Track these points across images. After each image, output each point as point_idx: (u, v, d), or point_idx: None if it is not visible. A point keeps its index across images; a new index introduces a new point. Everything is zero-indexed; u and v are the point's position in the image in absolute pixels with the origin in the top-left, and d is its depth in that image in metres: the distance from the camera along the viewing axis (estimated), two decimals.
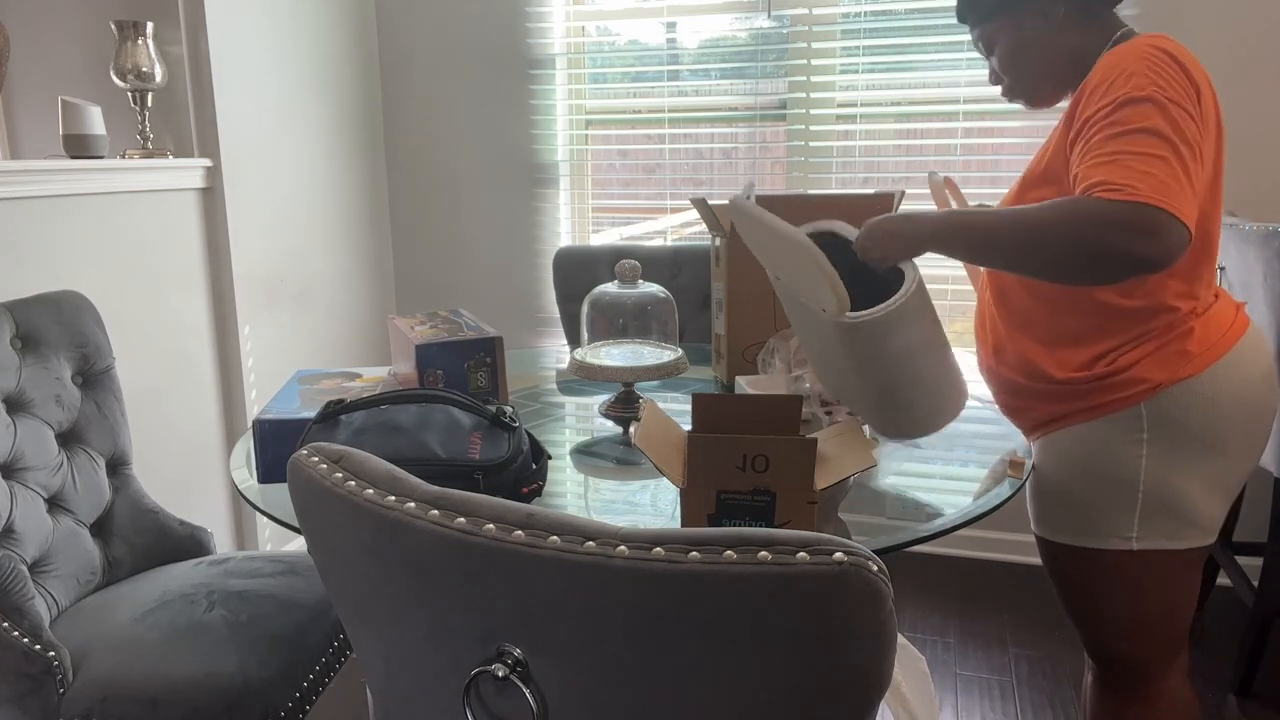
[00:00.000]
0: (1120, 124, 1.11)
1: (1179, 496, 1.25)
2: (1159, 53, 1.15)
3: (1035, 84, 1.34)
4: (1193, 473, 1.24)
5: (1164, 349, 1.23)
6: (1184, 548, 1.27)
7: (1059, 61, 1.30)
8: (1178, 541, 1.27)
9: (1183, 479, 1.24)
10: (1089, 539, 1.30)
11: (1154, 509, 1.25)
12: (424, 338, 1.45)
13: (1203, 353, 1.23)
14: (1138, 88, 1.12)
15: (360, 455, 0.75)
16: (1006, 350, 1.35)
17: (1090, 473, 1.28)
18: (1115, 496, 1.27)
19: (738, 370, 1.74)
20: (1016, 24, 1.31)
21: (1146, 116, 1.10)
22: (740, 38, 2.84)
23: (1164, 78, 1.13)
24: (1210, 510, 1.27)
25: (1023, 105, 1.38)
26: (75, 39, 2.44)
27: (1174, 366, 1.22)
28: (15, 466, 1.52)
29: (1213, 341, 1.23)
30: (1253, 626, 2.06)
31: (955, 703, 2.10)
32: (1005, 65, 1.34)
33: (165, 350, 2.34)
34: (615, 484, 1.32)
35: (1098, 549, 1.30)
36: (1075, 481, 1.30)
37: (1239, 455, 1.26)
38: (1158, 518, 1.26)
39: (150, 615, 1.47)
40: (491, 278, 3.18)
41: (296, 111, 2.73)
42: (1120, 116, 1.11)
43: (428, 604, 0.70)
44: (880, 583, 0.59)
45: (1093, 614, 1.34)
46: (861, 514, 1.20)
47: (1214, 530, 1.29)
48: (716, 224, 1.73)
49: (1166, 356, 1.23)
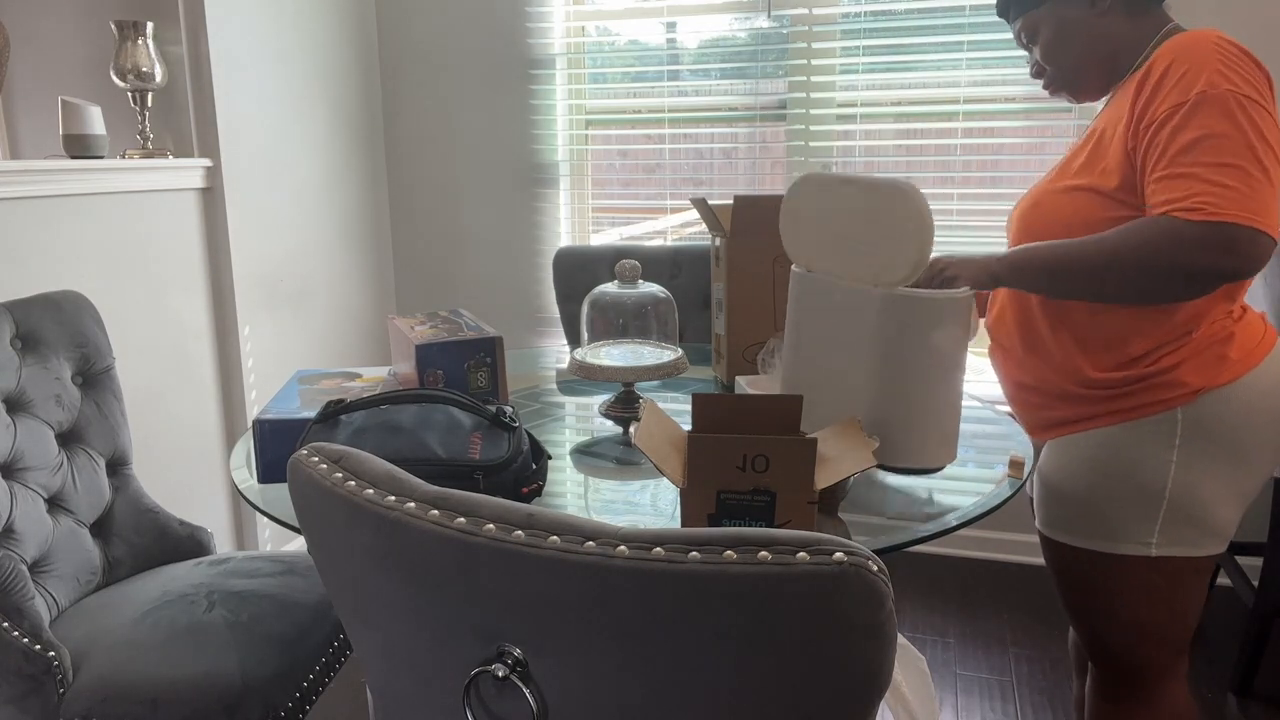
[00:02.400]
0: (1195, 128, 1.08)
1: (1202, 504, 1.22)
2: (1231, 45, 1.12)
3: (1079, 75, 1.31)
4: (1218, 480, 1.22)
5: (1205, 352, 1.21)
6: (1199, 555, 1.25)
7: (1104, 51, 1.28)
8: (1195, 549, 1.25)
9: (1208, 486, 1.22)
10: (1104, 544, 1.27)
11: (1176, 516, 1.23)
12: (424, 338, 1.45)
13: (1241, 359, 1.21)
14: (1212, 84, 1.09)
15: (360, 455, 0.75)
16: (1041, 346, 1.32)
17: (1113, 476, 1.25)
18: (1138, 502, 1.24)
19: (738, 370, 1.74)
20: (1061, 13, 1.28)
21: (1223, 117, 1.08)
22: (740, 38, 2.84)
23: (1239, 73, 1.10)
24: (1229, 518, 1.25)
25: (1066, 98, 1.36)
26: (75, 39, 2.44)
27: (1213, 372, 1.20)
28: (15, 466, 1.52)
29: (1250, 348, 1.22)
30: (1253, 626, 2.06)
31: (955, 703, 2.10)
32: (1048, 55, 1.31)
33: (165, 350, 2.34)
34: (615, 484, 1.32)
35: (1113, 554, 1.27)
36: (1095, 485, 1.27)
37: (1263, 464, 1.24)
38: (1178, 525, 1.23)
39: (150, 615, 1.47)
40: (491, 278, 3.18)
41: (296, 111, 2.73)
42: (1195, 119, 1.09)
43: (428, 604, 0.70)
44: (880, 583, 0.59)
45: (1100, 618, 1.32)
46: (861, 514, 1.20)
47: (1229, 538, 1.27)
48: (716, 224, 1.73)
49: (1207, 361, 1.20)
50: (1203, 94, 1.09)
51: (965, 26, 2.60)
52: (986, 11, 2.58)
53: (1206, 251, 1.05)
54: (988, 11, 2.58)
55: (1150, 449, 1.23)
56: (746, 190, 2.92)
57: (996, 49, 2.59)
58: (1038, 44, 1.32)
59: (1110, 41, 1.27)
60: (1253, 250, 1.05)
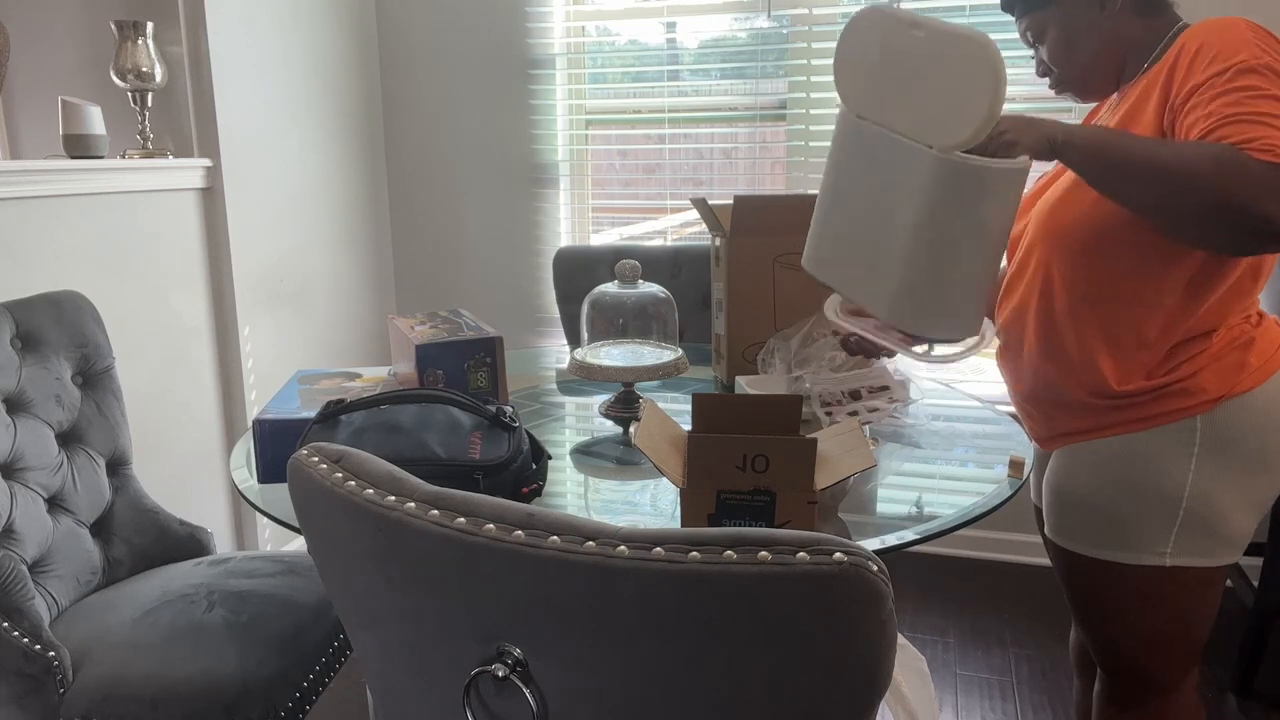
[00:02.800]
0: (1252, 89, 1.05)
1: (1218, 513, 1.21)
2: (1261, 28, 1.11)
3: (1087, 75, 1.29)
4: (1235, 489, 1.20)
5: (1224, 359, 1.19)
6: (1214, 565, 1.23)
7: (1114, 51, 1.26)
8: (1210, 559, 1.23)
9: (1225, 495, 1.20)
10: (1118, 553, 1.25)
11: (1192, 526, 1.21)
12: (424, 338, 1.45)
13: (1261, 366, 1.19)
14: (1254, 55, 1.07)
15: (360, 455, 0.75)
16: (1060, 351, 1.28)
17: (1129, 485, 1.23)
18: (1154, 511, 1.22)
19: (738, 370, 1.74)
20: (1070, 14, 1.26)
21: (1270, 84, 1.05)
22: (740, 38, 2.84)
23: (1274, 52, 1.08)
24: (1245, 528, 1.23)
25: (1071, 98, 1.34)
26: (75, 39, 2.44)
27: (1233, 379, 1.18)
28: (15, 466, 1.52)
29: (1269, 355, 1.20)
30: (1253, 626, 2.06)
31: (955, 703, 2.10)
32: (1055, 55, 1.29)
33: (165, 350, 2.34)
34: (615, 484, 1.32)
35: (1127, 564, 1.25)
36: (1109, 493, 1.25)
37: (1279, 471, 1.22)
38: (1195, 534, 1.21)
39: (150, 615, 1.47)
40: (491, 278, 3.18)
41: (296, 111, 2.73)
42: (1247, 82, 1.06)
43: (428, 604, 0.70)
44: (880, 583, 0.59)
45: (1112, 627, 1.30)
46: (861, 514, 1.20)
47: (1243, 548, 1.25)
48: (716, 224, 1.73)
49: (1226, 368, 1.19)
50: (1245, 63, 1.07)
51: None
52: (986, 11, 2.58)
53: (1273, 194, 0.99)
54: (987, 11, 2.57)
55: (1168, 457, 1.21)
56: (746, 190, 2.92)
57: None
58: (1044, 44, 1.30)
59: (1120, 43, 1.26)
60: None
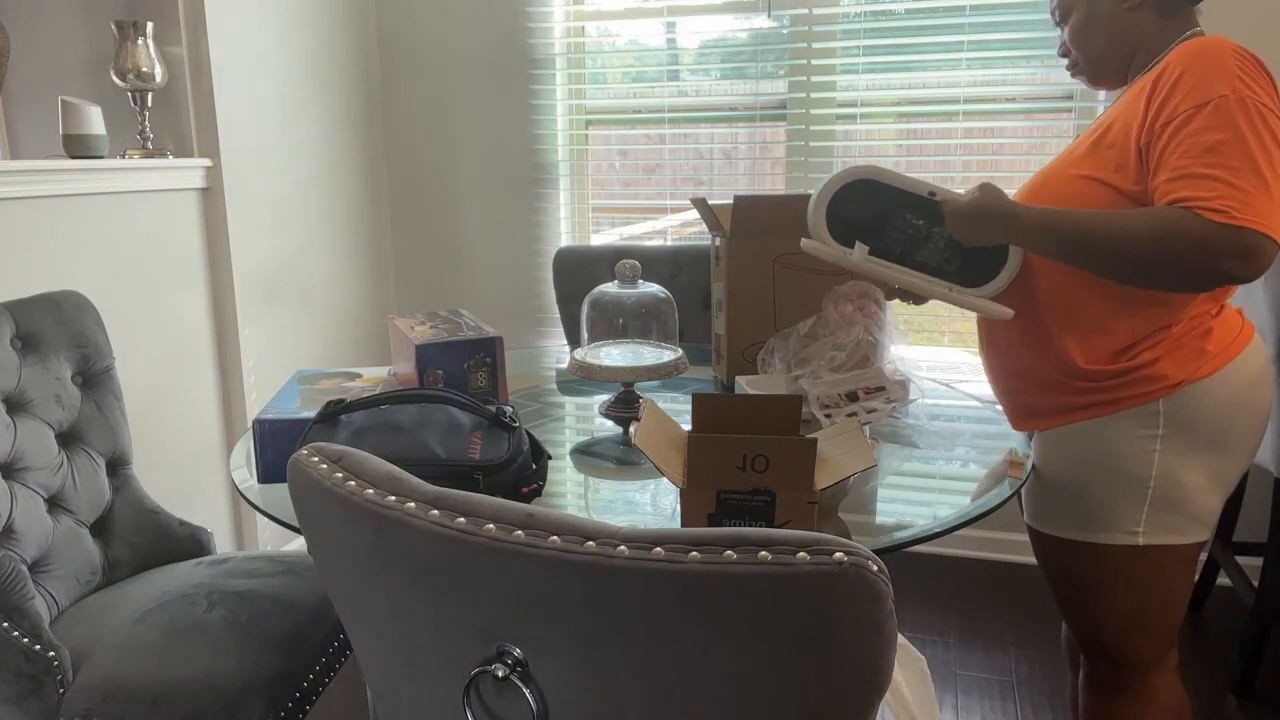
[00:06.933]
0: (1219, 130, 1.11)
1: (1185, 492, 1.27)
2: (1245, 53, 1.16)
3: (1100, 63, 1.34)
4: (1200, 469, 1.27)
5: (1184, 347, 1.25)
6: (1186, 543, 1.30)
7: (1127, 44, 1.31)
8: (1180, 537, 1.29)
9: (1191, 475, 1.27)
10: (1093, 534, 1.31)
11: (1161, 504, 1.27)
12: (424, 338, 1.45)
13: (1219, 353, 1.25)
14: (1233, 89, 1.12)
15: (360, 455, 0.75)
16: (1031, 334, 1.35)
17: (1099, 467, 1.29)
18: (1124, 492, 1.28)
19: (738, 370, 1.74)
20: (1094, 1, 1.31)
21: (1244, 123, 1.11)
22: (740, 38, 2.84)
23: (1256, 81, 1.13)
24: (1212, 506, 1.29)
25: (1084, 83, 1.39)
26: (75, 39, 2.44)
27: (1192, 365, 1.24)
28: (15, 466, 1.52)
29: (1227, 343, 1.26)
30: (1253, 626, 2.06)
31: (955, 703, 2.10)
32: (1074, 38, 1.35)
33: (165, 350, 2.34)
34: (615, 484, 1.32)
35: (1102, 544, 1.31)
36: (1082, 476, 1.31)
37: (1241, 453, 1.29)
38: (1164, 513, 1.28)
39: (150, 615, 1.47)
40: (491, 278, 3.18)
41: (296, 111, 2.73)
42: (1217, 121, 1.11)
43: (428, 604, 0.70)
44: (880, 583, 0.59)
45: (1091, 609, 1.35)
46: (861, 514, 1.20)
47: (1213, 526, 1.31)
48: (716, 224, 1.73)
49: (1186, 355, 1.25)
50: (1224, 98, 1.12)
51: (965, 26, 2.60)
52: (986, 11, 2.58)
53: (1226, 257, 1.08)
54: (988, 11, 2.58)
55: (1134, 439, 1.27)
56: (746, 190, 2.92)
57: (996, 48, 2.59)
58: (1068, 24, 1.36)
59: (1134, 38, 1.30)
60: (1262, 260, 1.09)
